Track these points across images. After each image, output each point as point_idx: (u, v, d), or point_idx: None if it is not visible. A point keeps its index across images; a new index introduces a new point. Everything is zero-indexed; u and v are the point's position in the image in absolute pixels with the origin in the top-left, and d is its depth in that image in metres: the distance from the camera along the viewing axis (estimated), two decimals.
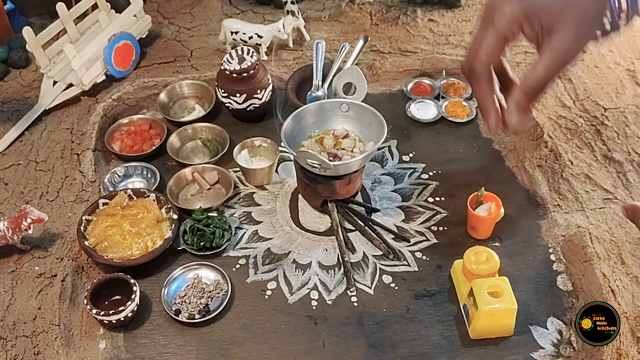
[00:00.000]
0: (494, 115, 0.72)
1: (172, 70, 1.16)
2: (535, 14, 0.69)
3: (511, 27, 0.70)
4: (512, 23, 0.70)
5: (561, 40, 0.69)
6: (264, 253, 0.89)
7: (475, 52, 0.71)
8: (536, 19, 0.69)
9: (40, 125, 1.06)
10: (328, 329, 0.80)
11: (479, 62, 0.71)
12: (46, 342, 0.76)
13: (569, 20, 0.69)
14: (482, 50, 0.70)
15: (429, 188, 0.98)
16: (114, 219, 0.88)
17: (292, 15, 1.18)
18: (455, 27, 1.25)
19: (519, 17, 0.69)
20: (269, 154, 1.01)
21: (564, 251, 0.88)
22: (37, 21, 1.28)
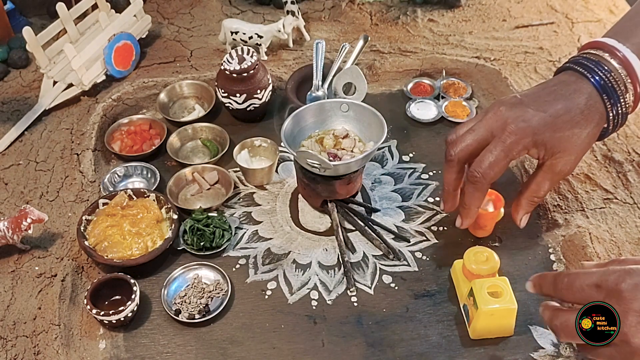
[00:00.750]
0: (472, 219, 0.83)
1: (172, 70, 1.16)
2: (543, 142, 0.75)
3: (519, 151, 0.76)
4: (521, 148, 0.75)
5: (564, 162, 0.77)
6: (264, 253, 0.89)
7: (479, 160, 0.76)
8: (542, 145, 0.75)
9: (40, 125, 1.06)
10: (327, 328, 0.80)
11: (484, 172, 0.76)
12: (46, 342, 0.76)
13: (574, 146, 0.76)
14: (489, 164, 0.75)
15: (429, 188, 0.98)
16: (114, 219, 0.88)
17: (292, 15, 1.18)
18: (455, 27, 1.25)
19: (528, 142, 0.75)
20: (269, 154, 1.01)
21: (564, 251, 0.88)
22: (37, 21, 1.28)
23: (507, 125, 0.74)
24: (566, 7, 1.29)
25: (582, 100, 0.75)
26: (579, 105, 0.75)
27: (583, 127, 0.75)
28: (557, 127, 0.75)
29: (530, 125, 0.74)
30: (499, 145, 0.75)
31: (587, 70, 0.76)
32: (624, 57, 0.75)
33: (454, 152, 0.79)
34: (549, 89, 0.78)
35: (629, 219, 0.88)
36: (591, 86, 0.75)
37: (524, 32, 1.23)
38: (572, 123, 0.75)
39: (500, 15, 1.28)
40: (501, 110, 0.76)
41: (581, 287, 0.61)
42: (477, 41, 1.21)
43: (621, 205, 0.90)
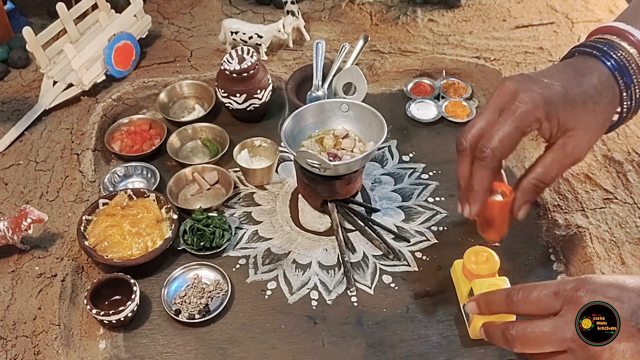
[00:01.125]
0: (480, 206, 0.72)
1: (172, 70, 1.16)
2: (556, 114, 0.68)
3: (531, 123, 0.67)
4: (533, 120, 0.67)
5: (576, 142, 0.69)
6: (264, 253, 0.89)
7: (488, 135, 0.68)
8: (555, 118, 0.68)
9: (40, 125, 1.06)
10: (327, 328, 0.80)
11: (493, 147, 0.67)
12: (46, 342, 0.76)
13: (585, 123, 0.69)
14: (499, 138, 0.67)
15: (429, 188, 0.98)
16: (114, 219, 0.88)
17: (292, 15, 1.18)
18: (455, 27, 1.25)
19: (540, 115, 0.67)
20: (269, 154, 1.01)
21: (564, 251, 0.88)
22: (37, 21, 1.28)
23: (517, 95, 0.67)
24: (566, 7, 1.29)
25: (594, 76, 0.69)
26: (591, 81, 0.69)
27: (597, 102, 0.69)
28: (569, 99, 0.68)
29: (542, 94, 0.67)
30: (509, 116, 0.67)
31: (599, 51, 0.71)
32: (638, 41, 0.71)
33: (464, 139, 0.70)
34: (559, 67, 0.72)
35: (629, 219, 0.88)
36: (603, 66, 0.70)
37: (524, 32, 1.23)
38: (585, 97, 0.68)
39: (500, 15, 1.28)
40: (508, 85, 0.69)
41: (539, 297, 0.61)
42: (477, 41, 1.21)
43: (621, 205, 0.90)
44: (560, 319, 0.59)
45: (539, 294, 0.61)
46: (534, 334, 0.61)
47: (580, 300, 0.58)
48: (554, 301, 0.60)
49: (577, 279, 0.60)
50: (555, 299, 0.60)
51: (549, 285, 0.61)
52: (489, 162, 0.69)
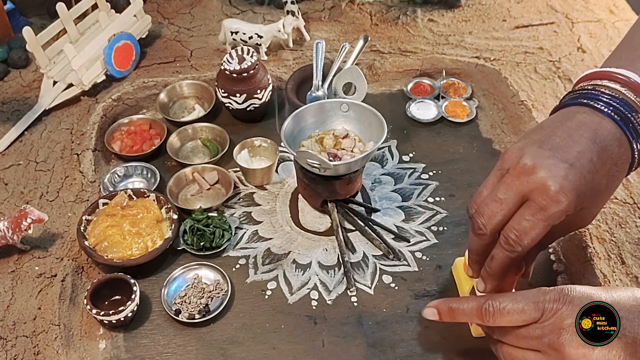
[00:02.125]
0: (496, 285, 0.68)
1: (172, 70, 1.16)
2: (582, 204, 0.63)
3: (561, 218, 0.62)
4: (563, 215, 0.62)
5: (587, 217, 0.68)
6: (264, 253, 0.89)
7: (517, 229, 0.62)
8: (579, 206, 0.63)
9: (40, 125, 1.06)
10: (328, 328, 0.80)
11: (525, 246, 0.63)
12: (46, 342, 0.76)
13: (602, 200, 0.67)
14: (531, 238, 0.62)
15: (429, 188, 0.98)
16: (114, 219, 0.88)
17: (292, 15, 1.18)
18: (455, 27, 1.25)
19: (571, 210, 0.62)
20: (269, 154, 1.01)
21: (564, 251, 0.88)
22: (37, 21, 1.28)
23: (548, 190, 0.60)
24: (566, 7, 1.29)
25: (615, 147, 0.63)
26: (612, 154, 0.63)
27: (617, 179, 0.65)
28: (595, 184, 0.63)
29: (573, 187, 0.60)
30: (538, 212, 0.61)
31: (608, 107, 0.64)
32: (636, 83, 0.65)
33: (483, 224, 0.65)
34: (575, 134, 0.64)
35: (629, 219, 0.88)
36: (619, 129, 0.64)
37: (524, 32, 1.23)
38: (608, 177, 0.64)
39: (500, 15, 1.28)
40: (531, 169, 0.62)
41: (518, 308, 0.61)
42: (477, 41, 1.21)
43: (621, 205, 0.90)
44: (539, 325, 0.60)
45: (515, 305, 0.61)
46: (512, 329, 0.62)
47: (560, 310, 0.59)
48: (533, 311, 0.60)
49: (556, 289, 0.61)
50: (535, 309, 0.60)
51: (527, 296, 0.62)
52: (514, 254, 0.64)
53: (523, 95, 1.07)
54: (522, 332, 0.62)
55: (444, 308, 0.69)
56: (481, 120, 1.09)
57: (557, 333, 0.59)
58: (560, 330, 0.59)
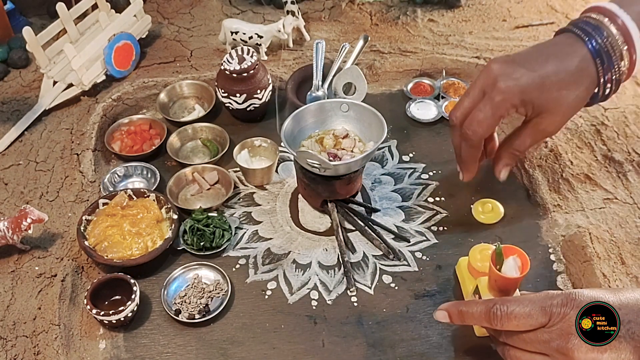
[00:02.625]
0: (472, 173, 0.87)
1: (172, 70, 1.16)
2: (530, 101, 0.76)
3: (507, 107, 0.77)
4: (509, 106, 0.77)
5: (548, 121, 0.79)
6: (264, 253, 0.89)
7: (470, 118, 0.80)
8: (530, 104, 0.76)
9: (40, 125, 1.06)
10: (328, 328, 0.80)
11: (473, 130, 0.79)
12: (46, 342, 0.76)
13: (560, 107, 0.77)
14: (478, 122, 0.79)
15: (429, 188, 0.98)
16: (114, 219, 0.88)
17: (292, 15, 1.18)
18: (455, 27, 1.25)
19: (516, 102, 0.76)
20: (269, 154, 1.01)
21: (564, 251, 0.88)
22: (37, 21, 1.28)
23: (497, 83, 0.76)
24: (566, 7, 1.29)
25: (574, 62, 0.75)
26: (569, 67, 0.75)
27: (571, 89, 0.76)
28: (545, 87, 0.75)
29: (518, 84, 0.75)
30: (487, 104, 0.77)
31: (584, 33, 0.76)
32: (623, 24, 0.75)
33: (454, 116, 0.82)
34: (542, 49, 0.79)
35: (629, 219, 0.88)
36: (585, 49, 0.75)
37: (524, 32, 1.23)
38: (560, 84, 0.75)
39: (500, 15, 1.28)
40: (492, 69, 0.77)
41: (526, 312, 0.62)
42: (477, 41, 1.21)
43: (621, 205, 0.90)
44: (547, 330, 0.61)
45: (523, 310, 0.62)
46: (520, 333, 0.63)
47: (568, 315, 0.59)
48: (541, 316, 0.61)
49: (563, 293, 0.61)
50: (542, 314, 0.61)
51: (534, 300, 0.62)
52: (472, 142, 0.81)
53: None
54: (530, 335, 0.62)
55: (455, 311, 0.70)
56: None
57: (565, 338, 0.59)
58: (569, 336, 0.59)
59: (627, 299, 0.60)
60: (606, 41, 0.75)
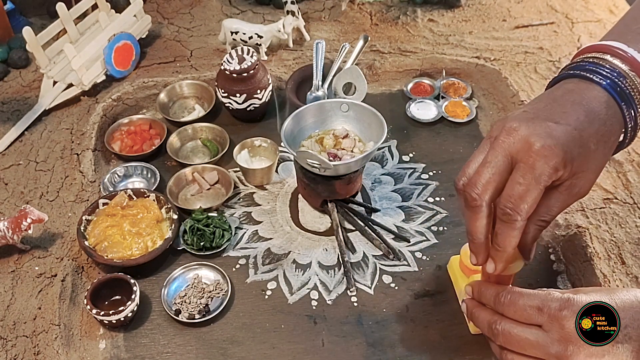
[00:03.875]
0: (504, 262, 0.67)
1: (172, 70, 1.16)
2: (572, 160, 0.62)
3: (551, 173, 0.61)
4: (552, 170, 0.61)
5: (585, 182, 0.64)
6: (264, 253, 0.89)
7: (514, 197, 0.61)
8: (570, 164, 0.62)
9: (40, 125, 1.06)
10: (327, 328, 0.80)
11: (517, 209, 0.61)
12: (46, 342, 0.76)
13: (596, 164, 0.65)
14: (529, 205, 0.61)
15: (429, 188, 0.98)
16: (114, 219, 0.88)
17: (292, 15, 1.18)
18: (455, 27, 1.25)
19: (559, 164, 0.61)
20: (269, 154, 1.01)
21: (564, 251, 0.88)
22: (37, 21, 1.28)
23: (532, 146, 0.60)
24: (566, 7, 1.29)
25: (603, 109, 0.63)
26: (600, 114, 0.63)
27: (607, 142, 0.64)
28: (583, 141, 0.62)
29: (558, 142, 0.60)
30: (527, 172, 0.61)
31: (596, 75, 0.65)
32: (634, 59, 0.65)
33: (476, 194, 0.63)
34: (559, 98, 0.65)
35: (629, 219, 0.88)
36: (606, 93, 0.64)
37: (524, 32, 1.23)
38: (597, 136, 0.63)
39: (500, 15, 1.28)
40: (516, 129, 0.62)
41: (523, 306, 0.63)
42: (477, 41, 1.21)
43: (621, 205, 0.90)
44: (545, 335, 0.61)
45: (524, 303, 0.63)
46: (519, 337, 0.63)
47: (564, 320, 0.59)
48: (537, 315, 0.61)
49: (562, 298, 0.61)
50: (539, 314, 0.61)
51: (535, 297, 0.62)
52: (515, 224, 0.62)
53: (523, 95, 1.07)
54: (528, 340, 0.62)
55: (476, 288, 0.70)
56: (481, 120, 1.09)
57: (563, 344, 0.59)
58: (567, 342, 0.59)
59: (623, 301, 0.60)
60: (623, 81, 0.64)
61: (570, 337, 0.59)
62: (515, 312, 0.63)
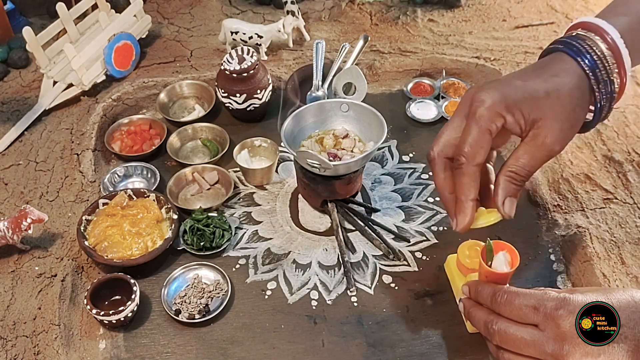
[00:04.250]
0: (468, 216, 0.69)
1: (172, 70, 1.16)
2: (517, 105, 0.65)
3: (493, 119, 0.65)
4: (494, 116, 0.65)
5: (546, 132, 0.66)
6: (264, 253, 0.89)
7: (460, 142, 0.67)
8: (518, 110, 0.65)
9: (40, 125, 1.06)
10: (328, 328, 0.80)
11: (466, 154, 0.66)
12: (46, 342, 0.76)
13: (553, 112, 0.66)
14: (468, 144, 0.66)
15: (429, 188, 0.98)
16: (114, 219, 0.88)
17: (292, 15, 1.18)
18: (455, 27, 1.25)
19: (501, 110, 0.65)
20: (269, 154, 1.01)
21: (564, 251, 0.88)
22: (37, 21, 1.28)
23: (475, 96, 0.66)
24: (566, 7, 1.29)
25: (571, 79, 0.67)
26: (566, 82, 0.67)
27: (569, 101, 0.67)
28: (530, 90, 0.66)
29: (498, 90, 0.66)
30: (472, 122, 0.66)
31: (576, 52, 0.68)
32: (613, 42, 0.68)
33: (432, 150, 0.70)
34: (530, 68, 0.70)
35: (629, 219, 0.88)
36: (580, 69, 0.67)
37: (524, 32, 1.23)
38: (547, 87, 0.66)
39: (500, 15, 1.28)
40: (469, 91, 0.69)
41: (519, 306, 0.63)
42: (477, 41, 1.21)
43: (621, 205, 0.90)
44: (541, 334, 0.61)
45: (520, 303, 0.63)
46: (515, 337, 0.63)
47: (559, 319, 0.60)
48: (533, 314, 0.62)
49: (558, 297, 0.61)
50: (535, 313, 0.62)
51: (531, 296, 0.63)
52: (465, 168, 0.67)
53: None
54: (524, 339, 0.62)
55: (473, 287, 0.71)
56: None
57: (559, 343, 0.59)
58: (562, 341, 0.59)
59: (619, 301, 0.60)
60: (599, 61, 0.68)
61: (566, 336, 0.59)
62: (512, 312, 0.64)
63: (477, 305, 0.70)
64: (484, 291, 0.68)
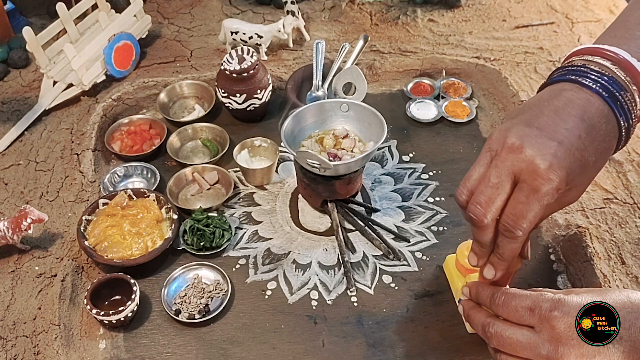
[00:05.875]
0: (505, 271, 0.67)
1: (172, 70, 1.16)
2: (574, 180, 0.62)
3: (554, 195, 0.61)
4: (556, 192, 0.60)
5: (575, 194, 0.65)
6: (264, 253, 0.89)
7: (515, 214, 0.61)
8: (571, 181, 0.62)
9: (40, 125, 1.06)
10: (328, 328, 0.80)
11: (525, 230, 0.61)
12: (46, 342, 0.76)
13: (591, 177, 0.65)
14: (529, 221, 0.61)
15: (429, 188, 0.98)
16: (114, 219, 0.88)
17: (292, 15, 1.18)
18: (455, 27, 1.25)
19: (562, 186, 0.60)
20: (269, 154, 1.01)
21: (564, 251, 0.88)
22: (37, 21, 1.28)
23: (537, 168, 0.59)
24: (566, 7, 1.29)
25: (603, 124, 0.62)
26: (600, 130, 0.62)
27: (605, 155, 0.64)
28: (584, 160, 0.61)
29: (562, 164, 0.59)
30: (531, 193, 0.60)
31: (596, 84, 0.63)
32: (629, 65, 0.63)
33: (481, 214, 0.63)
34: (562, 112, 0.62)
35: (629, 219, 0.88)
36: (606, 106, 0.62)
37: (524, 32, 1.23)
38: (596, 153, 0.62)
39: (500, 15, 1.28)
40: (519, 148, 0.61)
41: (516, 307, 0.63)
42: (477, 41, 1.21)
43: (621, 205, 0.90)
44: (537, 336, 0.61)
45: (516, 304, 0.63)
46: (510, 339, 0.63)
47: (554, 321, 0.59)
48: (529, 316, 0.61)
49: (554, 299, 0.61)
50: (530, 315, 0.61)
51: (528, 298, 0.62)
52: (517, 240, 0.63)
53: (523, 95, 1.07)
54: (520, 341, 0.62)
55: (473, 289, 0.70)
56: (481, 120, 1.09)
57: (554, 345, 0.59)
58: (558, 343, 0.59)
59: (615, 301, 0.60)
60: (619, 88, 0.63)
61: (561, 338, 0.59)
62: (509, 314, 0.64)
63: (475, 308, 0.70)
64: (483, 293, 0.68)
